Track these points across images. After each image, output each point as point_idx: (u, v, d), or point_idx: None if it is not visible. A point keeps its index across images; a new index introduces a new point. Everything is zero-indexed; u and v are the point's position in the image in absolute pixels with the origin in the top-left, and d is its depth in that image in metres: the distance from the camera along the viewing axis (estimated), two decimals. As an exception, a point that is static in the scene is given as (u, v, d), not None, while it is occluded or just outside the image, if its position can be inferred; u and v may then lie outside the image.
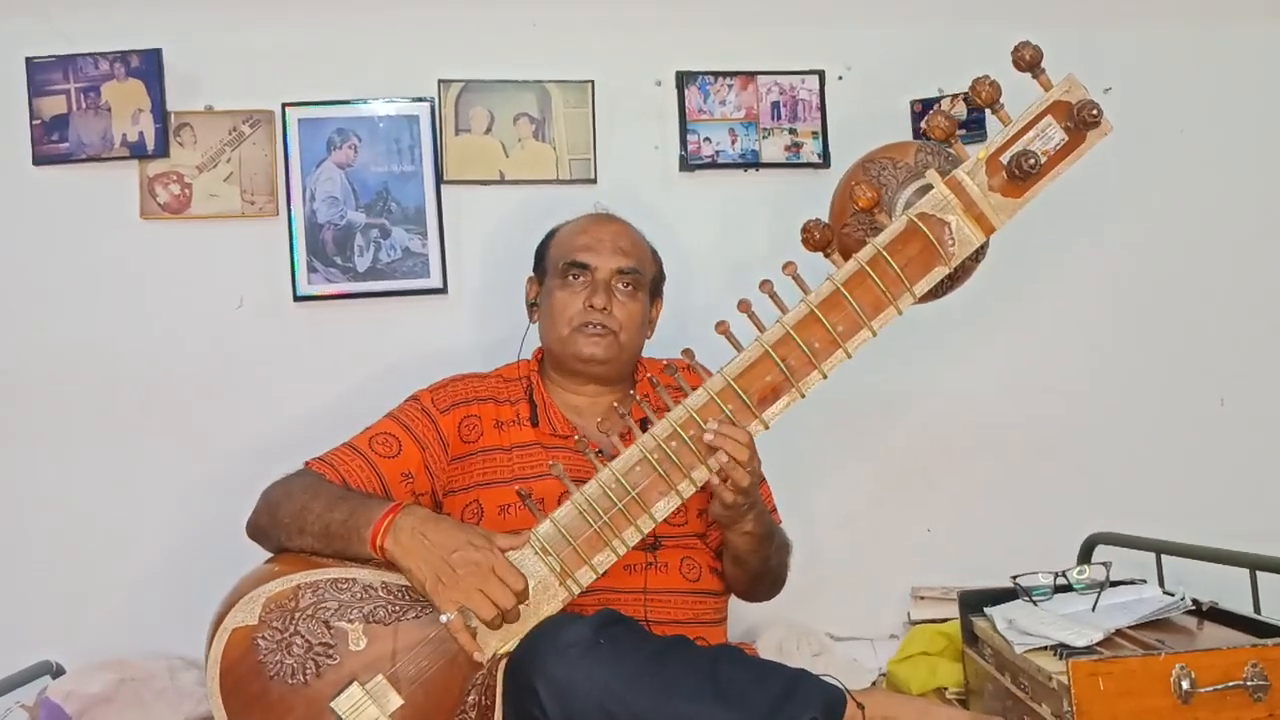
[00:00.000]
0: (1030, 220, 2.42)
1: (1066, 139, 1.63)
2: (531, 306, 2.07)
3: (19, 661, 2.13)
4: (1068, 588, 1.92)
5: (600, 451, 1.71)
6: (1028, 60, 1.60)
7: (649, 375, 2.00)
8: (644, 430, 1.68)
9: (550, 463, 1.73)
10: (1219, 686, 1.57)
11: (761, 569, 1.92)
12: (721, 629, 1.97)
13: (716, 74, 2.51)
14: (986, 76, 1.60)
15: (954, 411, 2.53)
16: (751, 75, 2.51)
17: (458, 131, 2.46)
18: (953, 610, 2.10)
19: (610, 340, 1.93)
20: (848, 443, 2.52)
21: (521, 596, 1.60)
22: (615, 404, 1.74)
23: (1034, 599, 1.91)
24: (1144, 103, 2.54)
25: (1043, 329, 2.56)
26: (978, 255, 1.73)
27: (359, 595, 1.62)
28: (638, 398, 1.70)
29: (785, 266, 1.66)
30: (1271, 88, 2.58)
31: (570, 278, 1.95)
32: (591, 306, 1.92)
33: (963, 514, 2.51)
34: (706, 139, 2.50)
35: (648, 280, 2.01)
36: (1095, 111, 1.60)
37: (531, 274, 2.09)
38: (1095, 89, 2.45)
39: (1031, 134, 1.63)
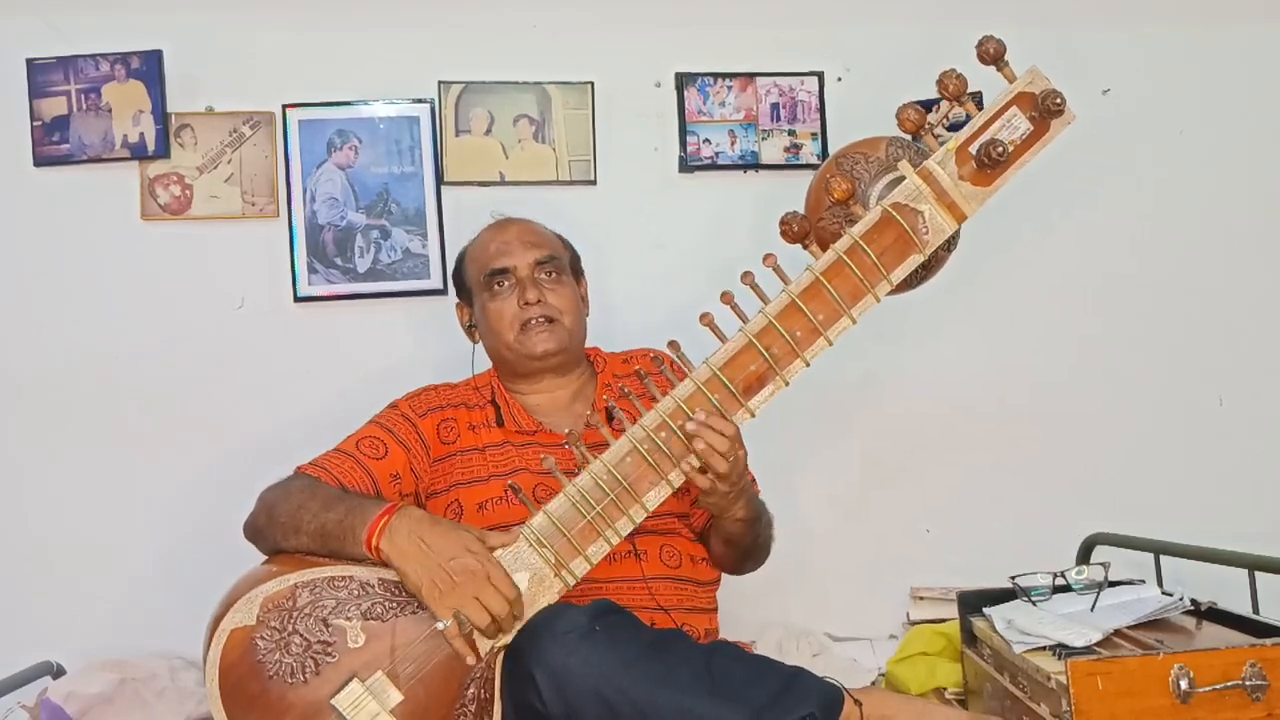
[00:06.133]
0: (1030, 220, 2.45)
1: (1032, 128, 1.67)
2: (470, 329, 2.12)
3: (19, 662, 2.14)
4: (1066, 588, 1.92)
5: (591, 446, 1.73)
6: (991, 54, 1.64)
7: (629, 365, 2.04)
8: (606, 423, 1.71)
9: (542, 457, 1.75)
10: (1218, 686, 1.57)
11: (752, 547, 1.96)
12: (710, 618, 1.98)
13: (716, 75, 2.51)
14: (953, 70, 1.65)
15: (954, 412, 2.53)
16: (751, 77, 2.52)
17: (458, 133, 2.46)
18: (952, 610, 2.10)
19: (557, 328, 1.98)
20: (848, 444, 2.52)
21: (515, 606, 1.61)
22: (605, 396, 1.77)
23: (1033, 599, 1.91)
24: (1143, 103, 2.55)
25: (1044, 331, 2.56)
26: (949, 245, 1.76)
27: (356, 593, 1.62)
28: (611, 402, 1.72)
29: (765, 258, 1.69)
30: (1270, 88, 2.59)
31: (495, 287, 2.00)
32: (527, 303, 1.97)
33: (962, 515, 2.51)
34: (706, 140, 2.50)
35: (566, 263, 2.07)
36: (1059, 100, 1.64)
37: (457, 301, 2.14)
38: (1095, 89, 2.49)
39: (998, 124, 1.67)
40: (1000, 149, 1.63)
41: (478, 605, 1.59)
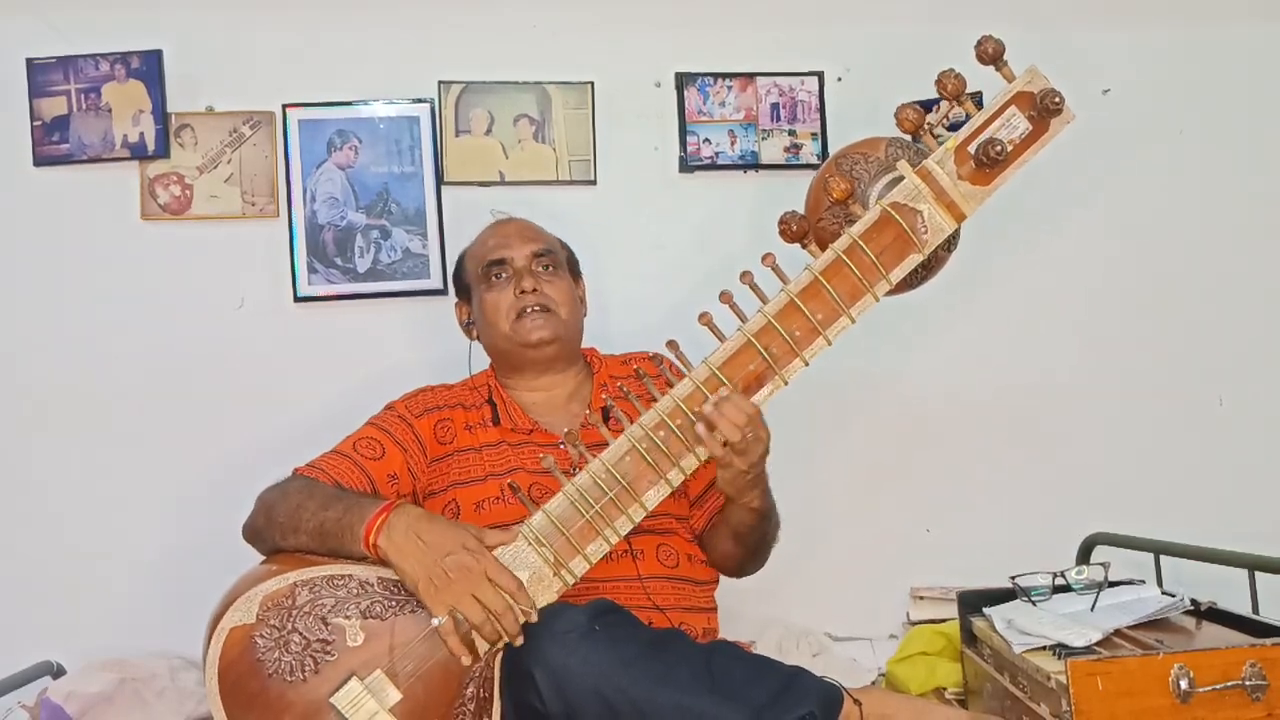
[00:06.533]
0: (1029, 220, 2.45)
1: (1031, 127, 1.66)
2: (468, 327, 2.13)
3: (20, 662, 2.14)
4: (1066, 588, 1.92)
5: (588, 446, 1.72)
6: (990, 54, 1.63)
7: (627, 367, 2.04)
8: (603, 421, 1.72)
9: (541, 456, 1.75)
10: (1217, 686, 1.57)
11: (759, 544, 1.95)
12: (708, 617, 1.97)
13: (716, 75, 2.51)
14: (951, 70, 1.65)
15: (954, 412, 2.53)
16: (751, 76, 2.52)
17: (458, 133, 2.46)
18: (952, 610, 2.10)
19: (551, 318, 1.99)
20: (848, 443, 2.52)
21: (518, 596, 1.60)
22: (603, 395, 1.76)
23: (1033, 599, 1.91)
24: (1143, 103, 2.55)
25: (1044, 330, 2.56)
26: (950, 245, 1.76)
27: (355, 591, 1.62)
28: (609, 401, 1.72)
29: (764, 258, 1.68)
30: (1270, 88, 2.59)
31: (493, 278, 2.03)
32: (523, 292, 1.99)
33: (962, 514, 2.51)
34: (706, 140, 2.50)
35: (563, 259, 2.10)
36: (1057, 99, 1.64)
37: (457, 300, 2.16)
38: (1094, 90, 2.49)
39: (997, 124, 1.66)
40: (999, 148, 1.62)
41: (473, 602, 1.58)
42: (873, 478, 2.52)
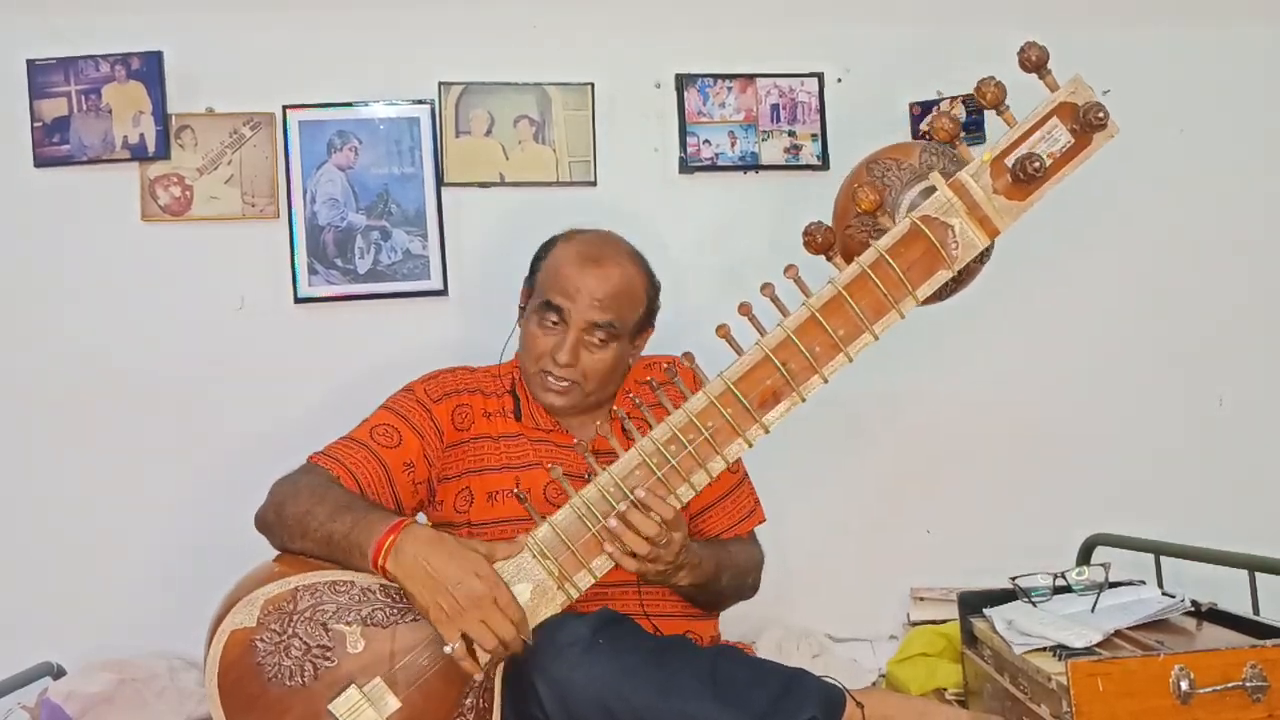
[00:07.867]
0: (1030, 220, 2.43)
1: (1073, 141, 1.60)
2: (523, 310, 2.02)
3: (20, 662, 2.14)
4: (1067, 589, 1.92)
5: (602, 453, 1.71)
6: (1034, 61, 1.57)
7: (639, 380, 1.98)
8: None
9: (550, 465, 1.72)
10: (1218, 687, 1.58)
11: (713, 602, 1.93)
12: (711, 622, 1.97)
13: (716, 76, 2.51)
14: (992, 78, 1.57)
15: (954, 413, 2.53)
16: (751, 78, 2.51)
17: (458, 134, 2.46)
18: (952, 611, 2.10)
19: (573, 391, 1.88)
20: (848, 443, 2.52)
21: (520, 628, 1.60)
22: (617, 407, 1.75)
23: (1033, 600, 1.91)
24: (1143, 103, 2.54)
25: (1042, 330, 2.56)
26: (982, 257, 1.70)
27: (357, 598, 1.62)
28: (623, 413, 1.69)
29: (786, 270, 1.63)
30: (1271, 88, 2.59)
31: (546, 312, 1.87)
32: (557, 361, 1.85)
33: (962, 515, 2.51)
34: (706, 141, 2.50)
35: (627, 329, 1.90)
36: (1101, 114, 1.58)
37: (527, 277, 2.01)
38: (1094, 89, 2.48)
39: (1037, 136, 1.60)
40: (1038, 163, 1.56)
41: (484, 629, 1.57)
42: (873, 479, 2.52)
